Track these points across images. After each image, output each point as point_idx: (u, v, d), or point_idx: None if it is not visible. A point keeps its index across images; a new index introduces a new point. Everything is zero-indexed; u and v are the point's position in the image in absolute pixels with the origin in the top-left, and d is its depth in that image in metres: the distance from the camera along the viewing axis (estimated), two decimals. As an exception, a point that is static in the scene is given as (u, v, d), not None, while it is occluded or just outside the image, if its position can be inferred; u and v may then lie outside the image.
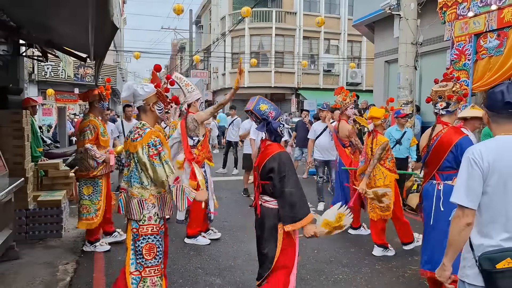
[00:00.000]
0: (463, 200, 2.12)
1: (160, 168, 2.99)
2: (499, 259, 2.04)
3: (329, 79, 26.90)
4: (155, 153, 3.00)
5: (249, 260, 4.88)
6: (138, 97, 3.14)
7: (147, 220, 3.06)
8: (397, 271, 4.64)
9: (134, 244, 3.08)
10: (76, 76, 23.79)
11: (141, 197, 3.06)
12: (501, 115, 2.18)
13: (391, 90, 11.58)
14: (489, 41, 6.93)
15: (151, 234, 3.08)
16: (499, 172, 2.08)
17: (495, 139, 2.19)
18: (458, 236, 2.14)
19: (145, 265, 3.07)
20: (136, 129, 3.09)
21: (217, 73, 30.44)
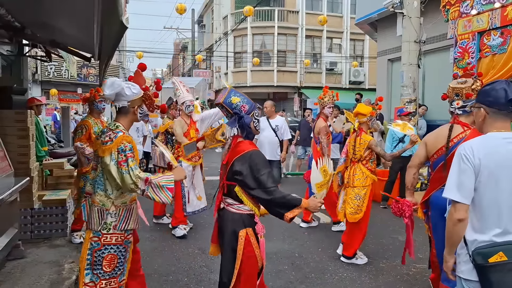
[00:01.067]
0: (455, 195, 2.16)
1: (127, 175, 2.69)
2: (491, 254, 2.09)
3: (332, 77, 26.86)
4: (123, 160, 2.71)
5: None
6: (123, 97, 2.85)
7: (112, 228, 2.79)
8: (402, 269, 4.65)
9: (92, 254, 2.78)
10: (79, 76, 23.85)
11: (102, 206, 2.80)
12: (501, 112, 2.21)
13: (394, 89, 11.58)
14: (492, 39, 6.92)
15: (114, 244, 2.80)
16: (490, 168, 2.11)
17: (487, 136, 2.23)
18: (453, 231, 2.20)
19: (102, 277, 2.80)
20: (108, 131, 2.81)
21: (219, 73, 30.44)
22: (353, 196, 4.82)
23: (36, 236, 5.42)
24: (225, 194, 2.87)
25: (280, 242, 5.58)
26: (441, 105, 9.58)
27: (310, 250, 5.24)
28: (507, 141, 2.16)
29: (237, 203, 2.79)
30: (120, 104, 2.87)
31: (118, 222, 2.80)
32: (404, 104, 8.42)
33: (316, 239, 5.70)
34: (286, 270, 4.61)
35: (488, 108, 2.26)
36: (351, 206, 4.82)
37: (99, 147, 2.79)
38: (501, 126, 2.22)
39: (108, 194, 2.81)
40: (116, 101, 2.87)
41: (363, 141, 4.85)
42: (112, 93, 2.80)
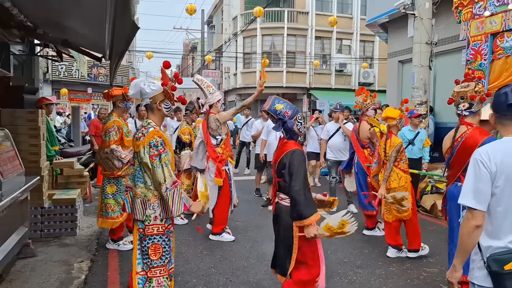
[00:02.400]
0: (471, 202, 2.11)
1: (159, 169, 2.94)
2: (507, 261, 2.04)
3: (341, 79, 26.75)
4: (155, 154, 2.94)
5: (262, 260, 4.87)
6: (144, 95, 3.11)
7: (152, 220, 3.03)
8: (412, 273, 4.60)
9: (140, 244, 3.06)
10: (90, 76, 24.01)
11: (144, 197, 3.03)
12: (505, 117, 2.18)
13: (405, 90, 11.49)
14: (505, 41, 6.84)
15: (157, 234, 3.05)
16: (506, 173, 2.07)
17: (502, 141, 2.18)
18: (468, 238, 2.14)
19: (151, 265, 3.05)
20: (141, 128, 3.08)
21: (228, 73, 30.47)
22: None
23: (46, 235, 5.46)
24: (278, 190, 3.22)
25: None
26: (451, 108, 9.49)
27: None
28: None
29: (287, 197, 3.10)
30: (145, 101, 3.14)
31: (158, 213, 3.02)
32: (415, 106, 8.35)
33: (325, 242, 5.62)
34: (295, 273, 4.57)
35: (494, 113, 2.24)
36: (394, 207, 4.93)
37: (134, 143, 3.06)
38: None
39: (148, 186, 3.02)
40: (143, 100, 3.16)
41: (393, 143, 4.98)
42: (136, 92, 3.11)
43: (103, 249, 5.18)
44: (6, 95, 5.85)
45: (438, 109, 10.22)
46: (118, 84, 27.78)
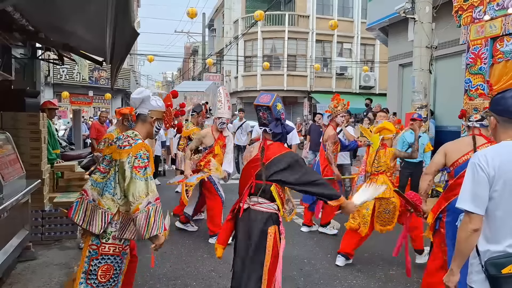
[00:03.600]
0: (469, 206, 2.12)
1: (141, 182, 2.69)
2: (505, 265, 2.05)
3: (342, 82, 26.78)
4: (140, 165, 2.72)
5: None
6: (146, 104, 2.96)
7: (111, 238, 2.74)
8: (412, 277, 4.59)
9: (89, 262, 2.73)
10: (91, 79, 24.08)
11: (108, 209, 2.73)
12: (511, 120, 2.18)
13: (405, 94, 11.51)
14: (505, 45, 6.85)
15: (112, 255, 2.75)
16: (505, 178, 2.08)
17: (501, 145, 2.19)
18: (466, 242, 2.15)
19: (96, 286, 2.74)
20: (127, 137, 2.84)
21: (229, 76, 30.53)
22: (382, 210, 4.82)
23: (46, 238, 5.47)
24: (253, 194, 2.97)
25: (289, 248, 5.54)
26: (452, 111, 9.51)
27: (319, 256, 5.21)
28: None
29: (267, 201, 2.94)
30: (141, 111, 2.96)
31: (118, 231, 2.75)
32: (415, 110, 8.36)
33: (325, 246, 5.67)
34: (294, 276, 4.58)
35: (498, 116, 2.24)
36: (381, 219, 4.85)
37: (114, 151, 2.79)
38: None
39: (117, 199, 2.76)
40: (139, 108, 2.97)
41: (388, 152, 4.90)
42: (138, 98, 2.94)
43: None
44: (8, 99, 5.87)
45: (438, 112, 10.24)
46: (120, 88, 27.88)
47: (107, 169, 2.83)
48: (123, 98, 30.03)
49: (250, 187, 3.00)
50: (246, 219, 2.98)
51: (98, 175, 2.86)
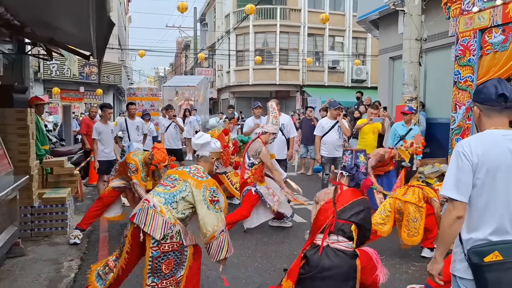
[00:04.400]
0: (453, 193, 2.14)
1: (216, 213, 3.15)
2: (487, 253, 2.08)
3: (334, 76, 26.81)
4: (214, 200, 3.16)
5: (252, 257, 4.90)
6: (207, 148, 3.47)
7: (169, 239, 3.07)
8: (401, 268, 4.64)
9: (152, 261, 3.05)
10: (82, 75, 23.91)
11: (168, 219, 3.08)
12: (493, 108, 2.20)
13: (396, 87, 11.54)
14: (494, 37, 6.87)
15: (172, 251, 3.08)
16: (488, 166, 2.11)
17: (485, 133, 2.22)
18: (449, 229, 2.17)
19: (162, 277, 3.08)
20: (198, 170, 3.32)
21: (221, 71, 30.46)
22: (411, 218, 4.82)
23: (36, 234, 5.45)
24: (332, 232, 3.13)
25: (280, 241, 5.57)
26: (442, 103, 9.57)
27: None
28: (506, 138, 2.15)
29: (346, 240, 3.08)
30: (203, 153, 3.48)
31: (175, 234, 3.08)
32: (405, 102, 8.39)
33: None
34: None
35: (481, 105, 2.25)
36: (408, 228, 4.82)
37: (187, 176, 3.25)
38: (499, 123, 2.20)
39: (175, 212, 3.13)
40: (200, 150, 3.49)
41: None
42: (202, 142, 3.46)
43: (93, 248, 5.19)
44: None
45: (429, 105, 10.27)
46: (111, 83, 27.73)
47: (172, 185, 3.24)
48: (114, 94, 29.87)
49: (329, 226, 3.18)
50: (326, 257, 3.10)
51: (161, 188, 3.28)
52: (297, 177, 10.87)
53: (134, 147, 8.25)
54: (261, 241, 5.52)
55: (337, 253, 3.06)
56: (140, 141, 8.61)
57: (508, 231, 2.12)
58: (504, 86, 2.17)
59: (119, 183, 5.58)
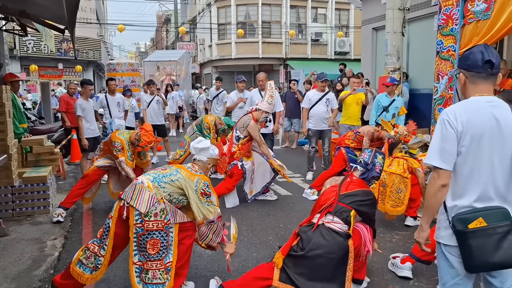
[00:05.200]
0: (437, 162, 2.15)
1: (206, 206, 3.20)
2: (471, 220, 2.10)
3: (317, 48, 26.60)
4: (206, 193, 3.22)
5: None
6: (205, 153, 3.54)
7: (153, 216, 3.04)
8: (385, 237, 4.70)
9: (137, 238, 3.05)
10: (60, 51, 23.31)
11: (155, 194, 3.09)
12: (479, 74, 2.18)
13: (379, 58, 11.50)
14: (476, 5, 6.82)
15: (156, 230, 3.05)
16: (472, 133, 2.11)
17: (469, 100, 2.21)
18: (434, 197, 2.18)
19: (147, 258, 3.07)
20: (193, 166, 3.41)
21: (203, 45, 29.96)
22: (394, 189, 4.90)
23: (18, 214, 5.37)
24: (330, 212, 3.21)
25: (265, 214, 5.59)
26: (425, 74, 9.58)
27: (294, 221, 5.25)
28: (491, 104, 2.14)
29: (342, 222, 3.14)
30: (200, 157, 3.53)
31: (159, 212, 3.06)
32: (388, 73, 8.37)
33: (300, 210, 5.72)
34: (270, 241, 4.63)
35: (467, 72, 2.23)
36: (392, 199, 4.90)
37: (183, 167, 3.35)
38: (484, 90, 2.19)
39: (162, 191, 3.14)
40: (198, 154, 3.55)
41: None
42: (201, 147, 3.53)
43: (77, 226, 5.13)
44: (-32, 72, 5.61)
45: (412, 75, 10.28)
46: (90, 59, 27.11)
47: (163, 169, 3.34)
48: (94, 70, 29.26)
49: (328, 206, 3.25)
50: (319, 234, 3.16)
51: (152, 171, 3.36)
52: (281, 150, 10.88)
53: (116, 123, 8.12)
54: (247, 215, 5.53)
55: (330, 233, 3.11)
56: (122, 118, 8.46)
57: (492, 198, 2.13)
58: (490, 52, 2.15)
59: (104, 162, 5.49)
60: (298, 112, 10.33)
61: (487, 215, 2.08)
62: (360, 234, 3.30)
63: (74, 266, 3.20)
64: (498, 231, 2.06)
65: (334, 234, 3.13)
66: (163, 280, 3.10)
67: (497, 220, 2.08)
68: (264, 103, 5.98)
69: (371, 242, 3.38)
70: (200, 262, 4.03)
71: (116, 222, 3.13)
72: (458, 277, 2.21)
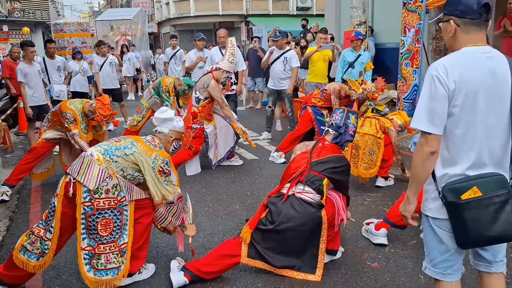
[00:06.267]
0: (425, 125, 1.84)
1: (164, 186, 2.86)
2: (464, 189, 1.83)
3: (279, 4, 25.85)
4: (164, 171, 2.86)
5: (201, 201, 4.60)
6: (168, 124, 3.18)
7: (103, 193, 2.69)
8: (356, 200, 4.50)
9: (86, 219, 2.68)
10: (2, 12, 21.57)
11: (106, 168, 2.72)
12: (473, 21, 1.85)
13: (343, 12, 11.11)
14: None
15: (108, 209, 2.71)
16: (466, 89, 1.80)
17: (462, 51, 1.88)
18: (422, 166, 1.89)
19: (99, 241, 2.72)
20: (153, 139, 3.02)
21: (160, 2, 28.54)
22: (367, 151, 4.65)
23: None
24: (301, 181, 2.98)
25: (231, 181, 5.29)
26: (391, 27, 9.32)
27: (262, 187, 4.99)
28: (486, 56, 1.83)
29: (314, 192, 2.93)
30: (162, 129, 3.17)
31: (111, 188, 2.72)
32: (354, 27, 8.04)
33: (268, 175, 5.46)
34: (237, 211, 4.34)
35: (458, 19, 1.89)
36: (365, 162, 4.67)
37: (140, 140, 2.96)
38: (478, 39, 1.87)
39: (114, 166, 2.77)
40: (160, 126, 3.19)
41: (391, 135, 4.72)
42: (163, 118, 3.17)
43: (24, 205, 4.65)
44: None
45: (377, 29, 10.00)
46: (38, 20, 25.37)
47: (117, 140, 2.94)
48: (43, 32, 27.49)
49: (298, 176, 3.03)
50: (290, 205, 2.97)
51: (105, 142, 2.98)
52: (246, 111, 10.52)
53: (55, 89, 7.53)
54: (211, 183, 5.21)
55: (302, 203, 2.91)
56: (62, 82, 7.84)
57: (486, 163, 1.86)
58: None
59: (53, 134, 4.97)
60: (261, 70, 9.92)
61: (482, 184, 1.82)
62: (333, 203, 3.07)
63: (18, 254, 2.82)
64: (495, 201, 1.81)
65: (306, 205, 2.93)
66: (118, 263, 2.78)
67: (494, 188, 1.82)
68: (225, 62, 5.57)
69: (345, 211, 3.15)
70: (162, 239, 3.70)
71: (62, 200, 2.75)
72: (448, 252, 1.97)
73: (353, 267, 3.20)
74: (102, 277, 2.73)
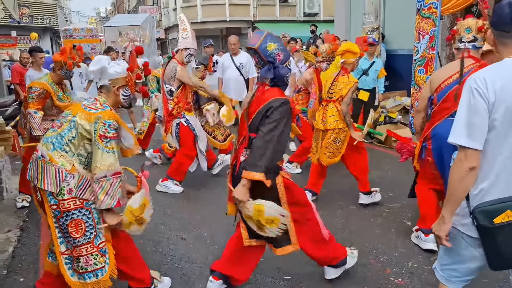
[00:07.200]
0: (464, 140, 1.73)
1: (105, 153, 2.54)
2: (497, 212, 1.72)
3: (286, 10, 25.83)
4: (106, 135, 2.56)
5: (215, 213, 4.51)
6: (105, 74, 2.79)
7: (66, 193, 2.53)
8: (374, 211, 4.39)
9: (57, 222, 2.57)
10: (11, 18, 21.69)
11: (61, 166, 2.54)
12: (509, 33, 1.75)
13: (353, 18, 11.01)
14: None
15: (75, 209, 2.55)
16: (507, 103, 1.69)
17: (502, 63, 1.77)
18: (460, 183, 1.77)
19: (73, 244, 2.59)
20: (95, 101, 2.70)
21: (167, 9, 28.62)
22: (332, 140, 4.37)
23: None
24: (247, 147, 2.67)
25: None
26: (403, 34, 9.21)
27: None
28: None
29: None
30: (102, 82, 2.81)
31: (73, 187, 2.55)
32: (366, 33, 7.96)
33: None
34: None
35: (495, 31, 1.80)
36: (329, 151, 4.40)
37: (79, 109, 2.64)
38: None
39: (69, 156, 2.59)
40: (99, 80, 2.83)
41: (349, 81, 4.30)
42: (97, 69, 2.79)
43: (35, 214, 4.57)
44: None
45: (388, 36, 9.90)
46: (46, 26, 25.50)
47: (60, 124, 2.66)
48: (52, 38, 27.65)
49: (243, 139, 2.75)
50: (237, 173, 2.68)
51: (51, 131, 2.68)
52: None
53: (77, 96, 7.48)
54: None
55: None
56: (84, 89, 7.80)
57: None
58: None
59: None
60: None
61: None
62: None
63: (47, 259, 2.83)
64: None
65: None
66: (101, 264, 2.64)
67: None
68: (180, 41, 5.21)
69: None
70: (176, 252, 3.61)
71: (39, 206, 2.70)
72: (461, 264, 1.96)
73: (376, 282, 3.09)
74: (86, 280, 2.62)
